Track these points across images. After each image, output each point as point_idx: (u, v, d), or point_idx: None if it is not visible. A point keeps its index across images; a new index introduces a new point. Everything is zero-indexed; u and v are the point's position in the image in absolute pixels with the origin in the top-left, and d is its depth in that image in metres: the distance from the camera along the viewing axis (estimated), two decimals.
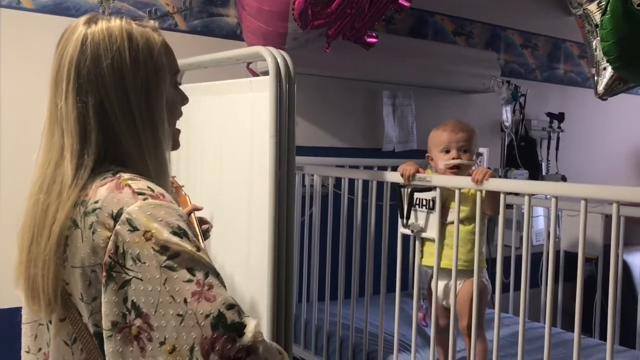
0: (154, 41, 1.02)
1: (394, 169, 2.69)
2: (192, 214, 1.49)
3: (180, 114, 1.13)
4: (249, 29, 2.47)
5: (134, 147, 0.99)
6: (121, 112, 0.97)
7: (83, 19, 1.02)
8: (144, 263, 0.87)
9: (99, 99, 0.97)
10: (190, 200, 1.57)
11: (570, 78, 4.21)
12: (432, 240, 2.06)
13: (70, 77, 0.98)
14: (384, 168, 2.90)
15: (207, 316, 0.85)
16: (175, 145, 1.13)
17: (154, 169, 1.01)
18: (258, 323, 0.89)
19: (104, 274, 0.88)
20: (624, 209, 2.11)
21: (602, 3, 2.03)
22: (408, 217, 2.14)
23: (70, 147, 0.97)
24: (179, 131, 1.13)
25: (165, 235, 0.88)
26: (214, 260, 2.09)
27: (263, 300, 1.84)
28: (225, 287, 0.91)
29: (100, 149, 0.97)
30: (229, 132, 2.05)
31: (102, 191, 0.93)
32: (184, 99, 1.13)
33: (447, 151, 2.16)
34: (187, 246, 0.89)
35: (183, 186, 1.63)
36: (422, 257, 2.16)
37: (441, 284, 2.10)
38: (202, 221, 1.55)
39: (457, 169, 2.14)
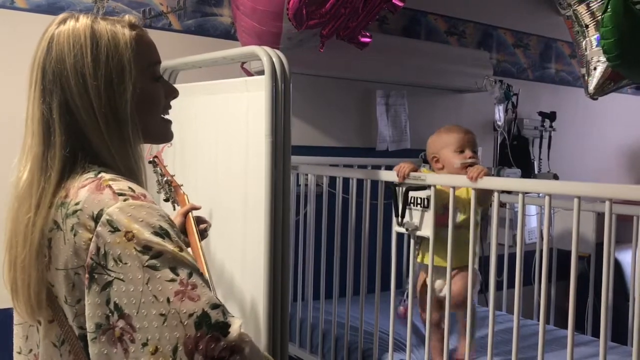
0: (121, 37, 1.00)
1: (388, 167, 2.71)
2: (190, 213, 1.49)
3: (168, 106, 1.10)
4: (244, 28, 2.48)
5: (101, 145, 0.98)
6: (85, 112, 0.96)
7: (57, 19, 1.01)
8: (126, 264, 0.86)
9: (63, 100, 0.96)
10: (188, 200, 1.58)
11: (561, 77, 4.24)
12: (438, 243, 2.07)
13: (38, 79, 0.98)
14: (377, 167, 2.91)
15: (190, 315, 0.84)
16: (166, 137, 1.11)
17: (124, 167, 0.99)
18: (243, 323, 0.89)
19: (87, 275, 0.88)
20: (616, 207, 2.13)
21: (593, 4, 2.05)
22: (403, 216, 2.15)
23: (32, 148, 0.97)
24: (168, 122, 1.11)
25: (147, 235, 0.88)
26: (213, 259, 2.11)
27: (259, 299, 1.85)
28: (209, 287, 0.91)
29: (67, 150, 0.96)
30: (224, 131, 2.05)
31: (83, 192, 0.92)
32: (171, 92, 1.11)
33: (462, 151, 2.21)
34: (169, 246, 0.88)
35: (182, 185, 1.63)
36: (422, 256, 2.19)
37: (439, 281, 2.13)
38: (199, 220, 1.55)
39: (472, 167, 2.17)
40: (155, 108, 1.07)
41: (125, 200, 0.91)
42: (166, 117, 1.11)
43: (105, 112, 0.97)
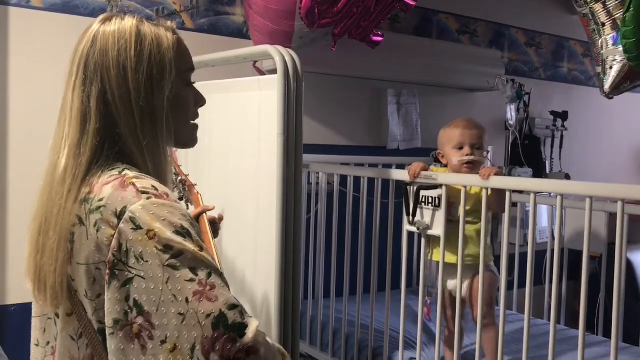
0: (164, 38, 1.03)
1: (399, 166, 2.71)
2: (204, 214, 1.50)
3: (196, 114, 1.13)
4: (256, 27, 2.49)
5: (132, 139, 1.00)
6: (122, 103, 0.99)
7: (101, 17, 1.05)
8: (147, 261, 0.87)
9: (102, 90, 0.98)
10: (202, 199, 1.59)
11: (574, 77, 4.22)
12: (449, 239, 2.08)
13: (79, 69, 1.00)
14: (388, 166, 2.92)
15: (208, 316, 0.86)
16: (191, 142, 1.13)
17: (151, 163, 1.01)
18: (260, 324, 0.90)
19: (108, 271, 0.89)
20: (628, 207, 2.12)
21: (610, 2, 2.03)
22: (414, 215, 2.16)
23: (70, 136, 0.99)
24: (196, 127, 1.13)
25: (169, 234, 0.89)
26: (225, 256, 2.13)
27: (270, 296, 1.86)
28: (228, 287, 0.92)
29: (98, 138, 0.98)
30: (236, 130, 2.07)
31: (107, 189, 0.94)
32: (200, 100, 1.13)
33: (461, 147, 2.18)
34: (190, 246, 0.90)
35: (195, 185, 1.64)
36: (431, 253, 2.18)
37: (453, 279, 2.12)
38: (210, 220, 1.55)
39: (471, 165, 2.15)
40: (185, 112, 1.10)
41: (148, 198, 0.92)
42: (193, 122, 1.13)
43: (142, 107, 0.99)
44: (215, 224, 1.53)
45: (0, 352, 2.02)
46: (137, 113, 0.99)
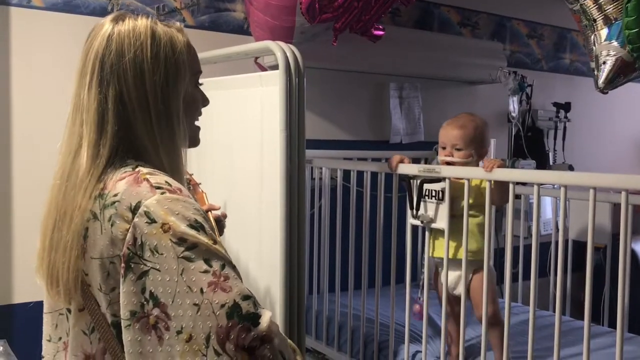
0: (177, 40, 1.05)
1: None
2: (209, 213, 1.50)
3: (200, 113, 1.15)
4: (257, 23, 2.49)
5: (148, 140, 1.01)
6: (138, 105, 1.00)
7: (111, 16, 1.05)
8: (162, 254, 0.89)
9: (118, 91, 1.00)
10: (207, 198, 1.59)
11: (576, 68, 4.21)
12: (442, 233, 2.08)
13: (95, 70, 1.01)
14: None
15: (222, 306, 0.87)
16: (195, 142, 1.15)
17: (168, 162, 1.03)
18: (273, 315, 0.92)
19: (123, 265, 0.91)
20: (632, 198, 2.12)
21: None
22: (418, 208, 2.16)
23: (87, 136, 1.00)
24: (198, 128, 1.15)
25: (183, 227, 0.90)
26: (230, 253, 2.13)
27: (275, 292, 1.87)
28: (241, 279, 0.94)
29: (115, 140, 0.99)
30: (239, 126, 2.07)
31: (121, 185, 0.95)
32: (205, 100, 1.15)
33: (444, 147, 2.22)
34: (204, 239, 0.91)
35: (200, 183, 1.65)
36: (433, 249, 2.19)
37: (452, 275, 2.12)
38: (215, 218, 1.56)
39: (449, 165, 2.18)
40: (195, 113, 1.12)
41: (162, 193, 0.94)
42: (197, 123, 1.15)
43: (158, 108, 1.01)
44: (220, 222, 1.55)
45: (7, 350, 2.03)
46: (154, 115, 1.01)
